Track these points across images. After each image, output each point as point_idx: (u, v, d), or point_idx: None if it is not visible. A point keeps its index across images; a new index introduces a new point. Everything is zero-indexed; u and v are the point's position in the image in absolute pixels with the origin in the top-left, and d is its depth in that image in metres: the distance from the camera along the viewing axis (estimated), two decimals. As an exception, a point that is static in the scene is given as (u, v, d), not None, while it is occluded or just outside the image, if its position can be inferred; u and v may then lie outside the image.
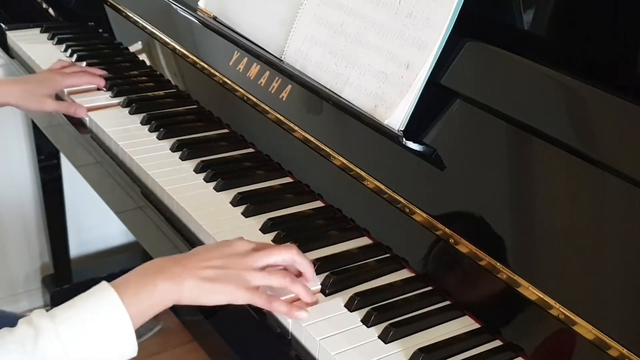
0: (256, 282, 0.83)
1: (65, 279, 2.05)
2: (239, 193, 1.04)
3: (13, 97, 1.26)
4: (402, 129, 0.95)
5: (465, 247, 0.86)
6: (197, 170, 1.11)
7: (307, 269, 0.87)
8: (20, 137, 1.91)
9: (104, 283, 0.77)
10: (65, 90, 1.33)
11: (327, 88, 1.06)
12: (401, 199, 0.93)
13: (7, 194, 1.95)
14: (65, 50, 1.51)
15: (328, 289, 0.88)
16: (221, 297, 0.81)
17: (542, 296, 0.78)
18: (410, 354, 0.79)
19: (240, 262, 0.83)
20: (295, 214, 1.02)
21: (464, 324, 0.85)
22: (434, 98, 0.94)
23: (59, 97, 1.34)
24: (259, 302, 0.82)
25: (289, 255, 0.86)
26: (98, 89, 1.36)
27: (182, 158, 1.14)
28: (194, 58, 1.32)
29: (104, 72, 1.38)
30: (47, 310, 0.75)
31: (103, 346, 0.74)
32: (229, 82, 1.23)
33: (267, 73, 1.15)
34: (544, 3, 0.96)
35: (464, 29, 0.92)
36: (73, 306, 0.75)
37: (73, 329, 0.72)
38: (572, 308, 0.76)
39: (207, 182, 1.08)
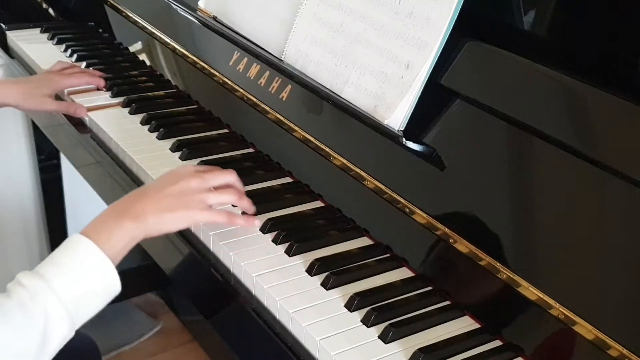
0: (211, 201, 0.92)
1: (65, 279, 2.05)
2: (239, 193, 1.04)
3: (13, 97, 1.26)
4: (402, 129, 0.95)
5: (465, 247, 0.86)
6: (197, 170, 1.11)
7: (243, 190, 0.98)
8: (20, 137, 1.91)
9: (77, 235, 0.82)
10: (65, 90, 1.33)
11: (327, 88, 1.06)
12: (401, 199, 0.93)
13: (7, 194, 1.95)
14: (65, 51, 1.51)
15: (328, 289, 0.88)
16: (183, 222, 0.90)
17: (542, 296, 0.78)
18: (410, 354, 0.79)
19: (193, 185, 0.90)
20: (295, 214, 1.02)
21: (464, 324, 0.85)
22: (434, 98, 0.94)
23: (59, 97, 1.34)
24: (219, 218, 0.92)
25: (232, 177, 0.96)
26: (98, 89, 1.36)
27: (182, 158, 1.14)
28: (194, 58, 1.32)
29: (103, 74, 1.38)
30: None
31: (92, 291, 0.80)
32: (229, 82, 1.23)
33: (267, 73, 1.15)
34: (544, 3, 0.96)
35: (464, 29, 0.92)
36: (56, 262, 0.80)
37: (64, 282, 0.77)
38: (572, 308, 0.76)
39: (207, 182, 1.08)
